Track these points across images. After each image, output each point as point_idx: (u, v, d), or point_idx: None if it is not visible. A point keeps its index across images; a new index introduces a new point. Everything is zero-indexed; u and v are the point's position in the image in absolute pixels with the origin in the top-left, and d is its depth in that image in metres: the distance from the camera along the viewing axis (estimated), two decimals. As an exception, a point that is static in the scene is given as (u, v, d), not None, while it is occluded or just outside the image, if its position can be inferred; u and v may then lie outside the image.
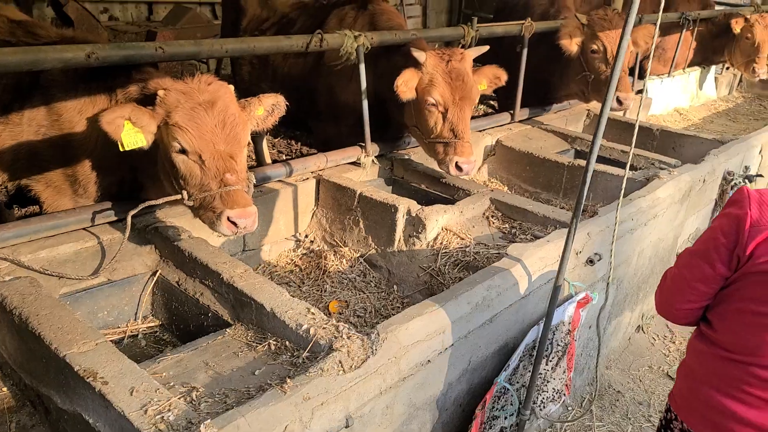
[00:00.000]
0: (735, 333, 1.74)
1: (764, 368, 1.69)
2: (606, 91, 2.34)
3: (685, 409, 1.90)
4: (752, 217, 1.66)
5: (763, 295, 1.65)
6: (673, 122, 6.43)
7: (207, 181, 2.34)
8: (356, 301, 2.98)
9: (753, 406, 1.73)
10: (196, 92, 2.33)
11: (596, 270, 3.11)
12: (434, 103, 3.31)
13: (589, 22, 4.52)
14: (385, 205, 3.19)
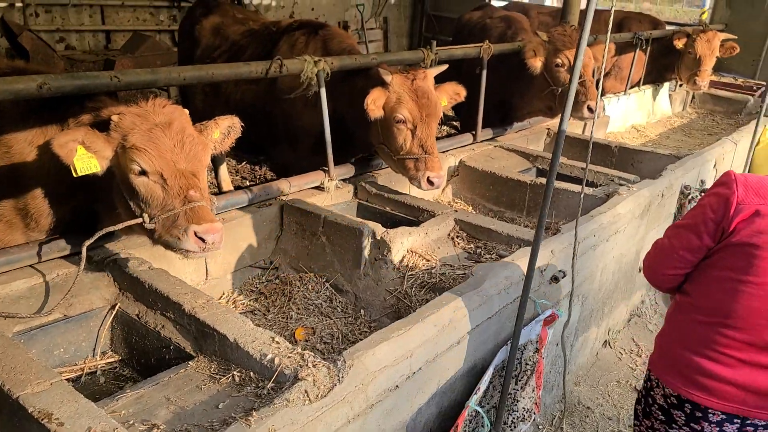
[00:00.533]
0: (713, 298, 1.97)
1: (738, 330, 1.92)
2: (564, 104, 2.39)
3: (664, 368, 2.09)
4: (738, 197, 1.89)
5: (741, 264, 1.88)
6: (631, 139, 6.58)
7: (170, 200, 2.28)
8: (323, 327, 2.94)
9: (727, 365, 1.95)
10: (152, 114, 2.30)
11: (561, 287, 3.14)
12: (403, 120, 3.38)
13: (550, 39, 4.66)
14: (351, 228, 3.17)
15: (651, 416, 2.17)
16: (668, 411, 2.09)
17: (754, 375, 1.94)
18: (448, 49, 4.42)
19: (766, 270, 1.86)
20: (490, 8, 6.78)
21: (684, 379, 2.02)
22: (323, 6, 8.42)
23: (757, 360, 1.94)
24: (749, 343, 1.93)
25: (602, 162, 5.08)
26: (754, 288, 1.88)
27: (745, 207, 1.87)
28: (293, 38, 3.95)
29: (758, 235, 1.85)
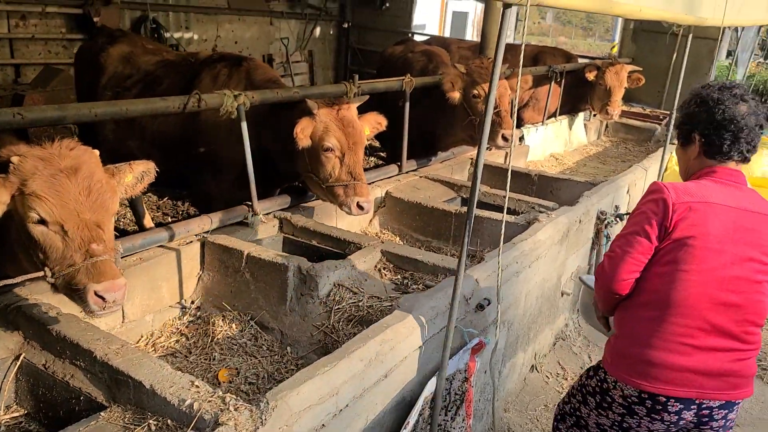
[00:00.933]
0: (660, 293, 2.15)
1: (686, 317, 2.12)
2: (481, 134, 2.46)
3: (621, 368, 2.22)
4: (672, 198, 2.13)
5: (681, 256, 2.11)
6: (550, 167, 6.83)
7: (70, 253, 2.13)
8: (248, 367, 2.85)
9: (682, 353, 2.12)
10: (57, 158, 2.15)
11: (487, 315, 3.17)
12: (331, 149, 3.46)
13: (467, 71, 4.79)
14: (275, 264, 3.11)
15: (609, 410, 2.30)
16: (629, 406, 2.23)
17: (706, 358, 2.13)
18: (371, 83, 4.46)
19: (701, 257, 2.10)
20: (411, 43, 6.94)
21: (642, 375, 2.17)
22: (247, 40, 8.38)
23: (707, 344, 2.13)
24: (698, 327, 2.12)
25: (523, 190, 5.24)
26: (694, 275, 2.10)
27: (679, 206, 2.12)
28: (215, 70, 3.89)
29: (693, 227, 2.10)
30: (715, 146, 2.23)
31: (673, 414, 2.17)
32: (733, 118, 2.18)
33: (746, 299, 2.14)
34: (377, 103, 5.54)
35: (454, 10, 12.70)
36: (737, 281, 2.13)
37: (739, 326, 2.15)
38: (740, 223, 2.14)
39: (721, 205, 2.14)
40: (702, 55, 8.57)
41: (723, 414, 2.20)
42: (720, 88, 2.26)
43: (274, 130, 3.65)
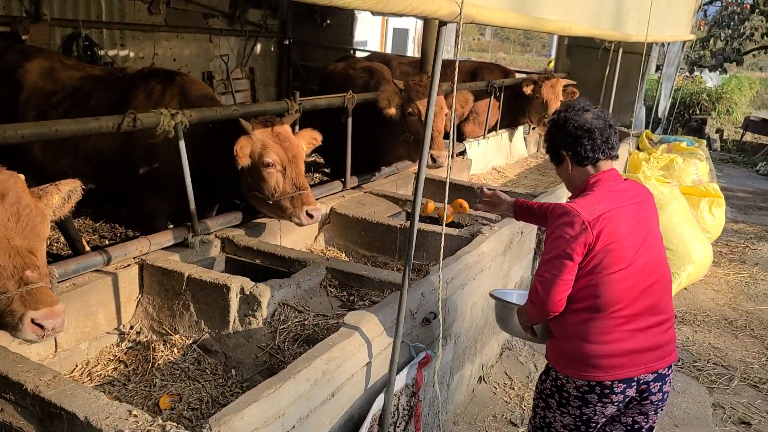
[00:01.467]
0: (594, 297, 2.37)
1: (623, 308, 2.37)
2: (420, 152, 2.49)
3: (571, 366, 2.44)
4: (585, 218, 2.33)
5: (608, 261, 2.34)
6: (493, 180, 6.96)
7: (2, 281, 2.03)
8: (190, 392, 2.77)
9: (623, 340, 2.37)
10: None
11: (434, 328, 3.19)
12: (272, 164, 3.46)
13: (405, 88, 4.82)
14: (216, 285, 3.04)
15: (568, 405, 2.50)
16: (583, 397, 2.44)
17: (644, 337, 2.40)
18: (312, 99, 4.46)
19: (622, 257, 2.36)
20: (353, 59, 6.98)
21: (592, 367, 2.40)
22: (185, 57, 8.24)
23: (642, 325, 2.40)
24: (633, 314, 2.38)
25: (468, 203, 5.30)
26: (621, 274, 2.35)
27: (593, 222, 2.33)
28: (149, 87, 3.79)
29: (609, 235, 2.34)
30: (581, 155, 2.50)
31: (619, 394, 2.41)
32: (583, 125, 2.49)
33: (660, 275, 2.46)
34: (320, 119, 5.55)
35: (395, 26, 12.86)
36: (651, 264, 2.43)
37: (661, 299, 2.46)
38: (637, 217, 2.45)
39: (620, 208, 2.41)
40: (632, 69, 8.95)
41: (658, 386, 2.47)
42: (565, 109, 2.60)
43: (212, 149, 3.60)
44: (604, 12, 4.75)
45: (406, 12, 2.10)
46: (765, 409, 4.15)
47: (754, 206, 9.89)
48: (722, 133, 16.61)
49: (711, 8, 15.25)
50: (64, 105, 3.87)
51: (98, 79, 3.93)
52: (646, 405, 2.50)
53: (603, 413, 2.46)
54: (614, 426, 2.58)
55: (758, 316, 5.57)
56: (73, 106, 3.84)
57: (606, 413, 2.47)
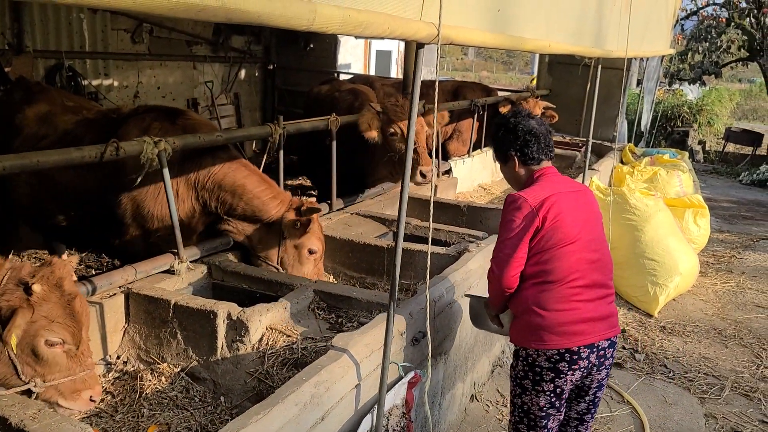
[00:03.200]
0: (549, 270, 2.63)
1: (576, 279, 2.63)
2: (403, 171, 2.51)
3: (539, 338, 2.65)
4: (531, 203, 2.65)
5: (557, 237, 2.63)
6: (479, 197, 7.00)
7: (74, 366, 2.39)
8: (179, 421, 2.74)
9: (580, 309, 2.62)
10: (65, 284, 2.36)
11: (423, 348, 3.18)
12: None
13: (384, 110, 4.86)
14: (203, 311, 3.03)
15: (542, 381, 2.70)
16: (554, 367, 2.65)
17: (595, 307, 2.67)
18: (296, 123, 4.48)
19: (569, 233, 2.65)
20: (337, 82, 7.04)
21: (557, 335, 2.62)
22: (170, 85, 8.26)
23: (592, 295, 2.67)
24: (584, 285, 2.65)
25: (453, 221, 5.34)
26: (570, 247, 2.64)
27: (538, 206, 2.64)
28: (144, 124, 3.59)
29: (555, 215, 2.64)
30: (528, 155, 2.82)
31: (585, 359, 2.65)
32: (530, 130, 2.81)
33: (602, 254, 2.76)
34: (306, 142, 5.57)
35: (378, 49, 13.00)
36: (596, 241, 2.75)
37: (605, 276, 2.76)
38: (577, 201, 2.76)
39: (562, 193, 2.73)
40: (613, 84, 9.08)
41: (610, 353, 2.74)
42: (513, 115, 2.92)
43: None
44: (585, 29, 4.83)
45: (386, 35, 2.13)
46: (757, 418, 4.16)
47: (739, 216, 10.00)
48: (704, 144, 16.84)
49: (688, 23, 15.57)
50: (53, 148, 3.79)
51: (90, 122, 3.82)
52: (602, 371, 2.75)
53: (572, 381, 2.70)
54: (579, 402, 2.85)
55: (747, 325, 5.60)
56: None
57: (574, 380, 2.70)
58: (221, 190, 3.66)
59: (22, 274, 2.31)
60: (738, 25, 14.26)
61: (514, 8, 3.30)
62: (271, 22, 1.63)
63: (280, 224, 3.76)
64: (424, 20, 2.25)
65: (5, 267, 2.33)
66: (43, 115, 3.89)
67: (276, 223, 3.77)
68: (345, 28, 1.90)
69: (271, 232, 3.80)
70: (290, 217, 3.75)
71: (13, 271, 2.32)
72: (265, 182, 3.81)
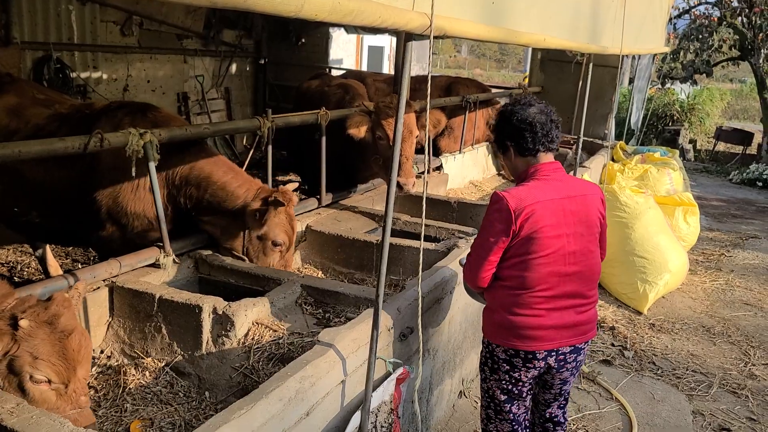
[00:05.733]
0: (519, 276, 2.67)
1: (543, 290, 2.67)
2: (391, 166, 2.49)
3: (500, 335, 2.76)
4: (512, 206, 2.61)
5: (531, 248, 2.63)
6: (470, 194, 6.98)
7: (63, 405, 2.29)
8: (162, 416, 2.70)
9: (542, 317, 2.68)
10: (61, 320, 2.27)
11: (410, 344, 3.16)
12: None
13: (375, 110, 4.72)
14: (188, 306, 2.99)
15: (499, 370, 2.84)
16: (510, 360, 2.78)
17: (560, 315, 2.70)
18: (285, 117, 4.44)
19: (545, 245, 2.63)
20: (327, 77, 7.00)
21: (515, 337, 2.71)
22: (160, 78, 8.18)
23: (559, 305, 2.70)
24: (551, 296, 2.68)
25: (443, 217, 5.31)
26: (542, 259, 2.64)
27: (519, 211, 2.61)
28: (116, 119, 3.53)
29: (534, 224, 2.61)
30: (523, 146, 2.75)
31: (541, 360, 2.74)
32: (525, 119, 2.73)
33: (584, 266, 2.73)
34: (296, 136, 5.53)
35: (370, 44, 12.94)
36: (575, 255, 2.70)
37: (582, 286, 2.75)
38: (568, 209, 2.69)
39: (549, 201, 2.66)
40: (605, 82, 9.07)
41: (573, 357, 2.80)
42: (513, 102, 2.86)
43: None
44: (580, 25, 4.81)
45: (376, 24, 2.10)
46: (744, 415, 4.17)
47: (728, 214, 10.04)
48: (695, 143, 16.91)
49: (680, 21, 15.60)
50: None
51: (63, 117, 3.72)
52: (563, 372, 2.84)
53: (527, 376, 2.80)
54: (545, 393, 2.96)
55: (735, 323, 5.62)
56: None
57: (529, 376, 2.80)
58: (188, 185, 3.59)
59: (22, 308, 2.26)
60: (730, 24, 14.30)
61: (509, 1, 3.27)
62: (258, 7, 1.60)
63: (245, 216, 3.65)
64: (417, 10, 2.21)
65: (12, 297, 2.30)
66: (12, 108, 3.78)
67: (241, 212, 3.63)
68: (335, 15, 1.86)
69: (236, 222, 3.66)
70: (254, 206, 3.60)
71: (18, 303, 2.29)
72: (232, 171, 3.71)
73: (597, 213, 2.79)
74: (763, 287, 6.57)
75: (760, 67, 14.33)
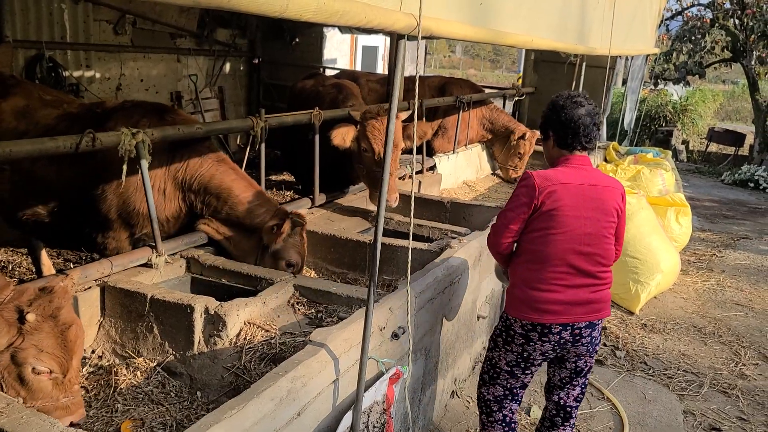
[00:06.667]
0: (538, 250, 2.92)
1: (558, 265, 2.89)
2: (383, 168, 2.49)
3: (518, 309, 2.97)
4: (537, 183, 2.89)
5: (551, 223, 2.88)
6: (463, 194, 6.99)
7: (56, 393, 2.35)
8: (154, 416, 2.70)
9: (558, 292, 2.89)
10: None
11: (402, 343, 3.16)
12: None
13: (361, 120, 4.65)
14: (180, 305, 2.99)
15: (513, 343, 3.03)
16: (526, 335, 2.96)
17: (575, 293, 2.91)
18: (278, 117, 4.43)
19: (563, 223, 2.87)
20: (321, 77, 6.98)
21: (533, 310, 2.92)
22: (153, 77, 8.16)
23: (574, 282, 2.91)
24: (566, 272, 2.90)
25: (437, 217, 5.33)
26: (560, 236, 2.88)
27: (543, 189, 2.87)
28: (132, 120, 3.47)
29: (555, 202, 2.87)
30: (562, 140, 3.00)
31: (556, 335, 2.93)
32: (572, 119, 2.96)
33: (597, 248, 2.93)
34: (289, 136, 5.52)
35: (364, 44, 12.94)
36: (590, 237, 2.91)
37: (595, 267, 2.94)
38: (587, 195, 2.92)
39: (572, 184, 2.91)
40: (598, 82, 9.10)
41: (588, 332, 2.97)
42: (566, 97, 3.04)
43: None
44: (568, 26, 4.83)
45: (362, 25, 2.10)
46: (735, 415, 4.19)
47: (720, 215, 10.09)
48: (688, 144, 16.99)
49: (673, 23, 15.68)
50: None
51: (74, 117, 3.69)
52: (579, 347, 3.00)
53: (541, 350, 2.97)
54: (561, 368, 3.13)
55: (726, 323, 5.66)
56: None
57: (544, 350, 2.97)
58: (207, 193, 3.64)
59: (22, 299, 2.30)
60: (722, 26, 14.37)
61: (496, 2, 3.28)
62: (242, 7, 1.60)
63: (261, 232, 3.72)
64: (404, 11, 2.22)
65: (9, 289, 2.31)
66: (20, 110, 3.74)
67: (258, 230, 3.72)
68: (320, 16, 1.86)
69: (251, 238, 3.75)
70: (272, 224, 3.68)
71: (15, 293, 2.31)
72: (253, 188, 3.77)
73: (614, 204, 2.99)
74: (754, 288, 6.61)
75: (752, 68, 14.42)
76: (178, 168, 3.59)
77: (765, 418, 4.18)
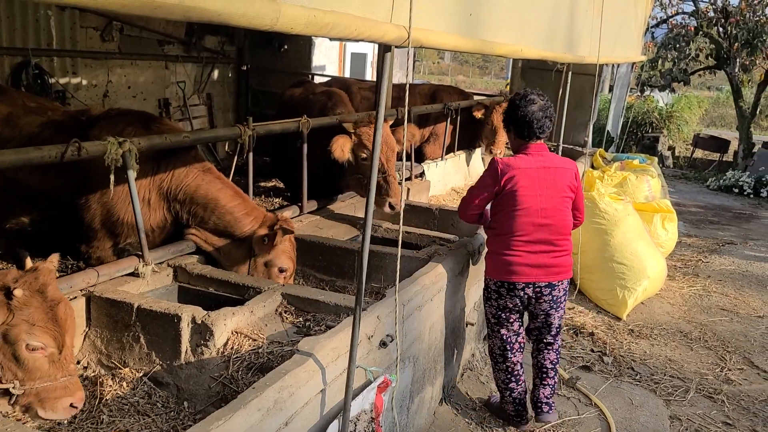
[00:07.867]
0: (504, 224, 3.65)
1: (521, 235, 3.61)
2: (370, 174, 2.50)
3: (491, 271, 3.77)
4: (500, 168, 3.61)
5: (512, 201, 3.59)
6: (451, 201, 7.00)
7: (54, 372, 2.36)
8: (140, 427, 2.68)
9: (521, 256, 3.62)
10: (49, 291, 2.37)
11: (391, 351, 3.16)
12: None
13: (355, 130, 4.71)
14: (167, 315, 2.97)
15: (490, 298, 3.81)
16: (498, 291, 3.74)
17: (535, 257, 3.61)
18: (266, 125, 4.43)
19: (522, 200, 3.57)
20: (310, 84, 6.99)
21: (502, 272, 3.67)
22: (141, 84, 8.13)
23: (535, 249, 3.61)
24: (528, 240, 3.60)
25: (425, 225, 5.34)
26: (521, 212, 3.58)
27: (505, 172, 3.60)
28: (117, 129, 3.44)
29: (515, 184, 3.58)
30: (520, 132, 3.69)
31: (520, 290, 3.65)
32: (525, 115, 3.62)
33: (554, 220, 3.61)
34: (278, 144, 5.52)
35: (353, 51, 12.96)
36: (546, 210, 3.59)
37: (552, 236, 3.62)
38: (542, 176, 3.61)
39: (529, 168, 3.60)
40: (585, 90, 9.20)
41: (548, 291, 3.66)
42: (521, 96, 3.71)
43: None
44: (557, 35, 4.87)
45: (353, 37, 2.11)
46: (720, 420, 4.23)
47: (706, 220, 10.19)
48: (674, 150, 17.16)
49: (658, 31, 15.85)
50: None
51: (58, 125, 3.66)
52: (542, 303, 3.70)
53: (513, 303, 3.70)
54: (534, 321, 3.84)
55: (711, 328, 5.70)
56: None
57: (514, 303, 3.70)
58: (193, 203, 3.63)
59: (6, 279, 2.31)
60: (706, 34, 14.55)
61: (486, 12, 3.30)
62: (233, 21, 1.60)
63: (251, 241, 3.73)
64: (394, 22, 2.23)
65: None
66: (4, 117, 3.70)
67: (247, 239, 3.73)
68: (311, 28, 1.87)
69: (241, 247, 3.76)
70: (261, 233, 3.71)
71: (1, 275, 2.32)
72: (239, 197, 3.77)
73: (567, 182, 3.66)
74: (739, 293, 6.68)
75: (735, 75, 14.60)
76: (163, 178, 3.58)
77: (750, 423, 4.22)
